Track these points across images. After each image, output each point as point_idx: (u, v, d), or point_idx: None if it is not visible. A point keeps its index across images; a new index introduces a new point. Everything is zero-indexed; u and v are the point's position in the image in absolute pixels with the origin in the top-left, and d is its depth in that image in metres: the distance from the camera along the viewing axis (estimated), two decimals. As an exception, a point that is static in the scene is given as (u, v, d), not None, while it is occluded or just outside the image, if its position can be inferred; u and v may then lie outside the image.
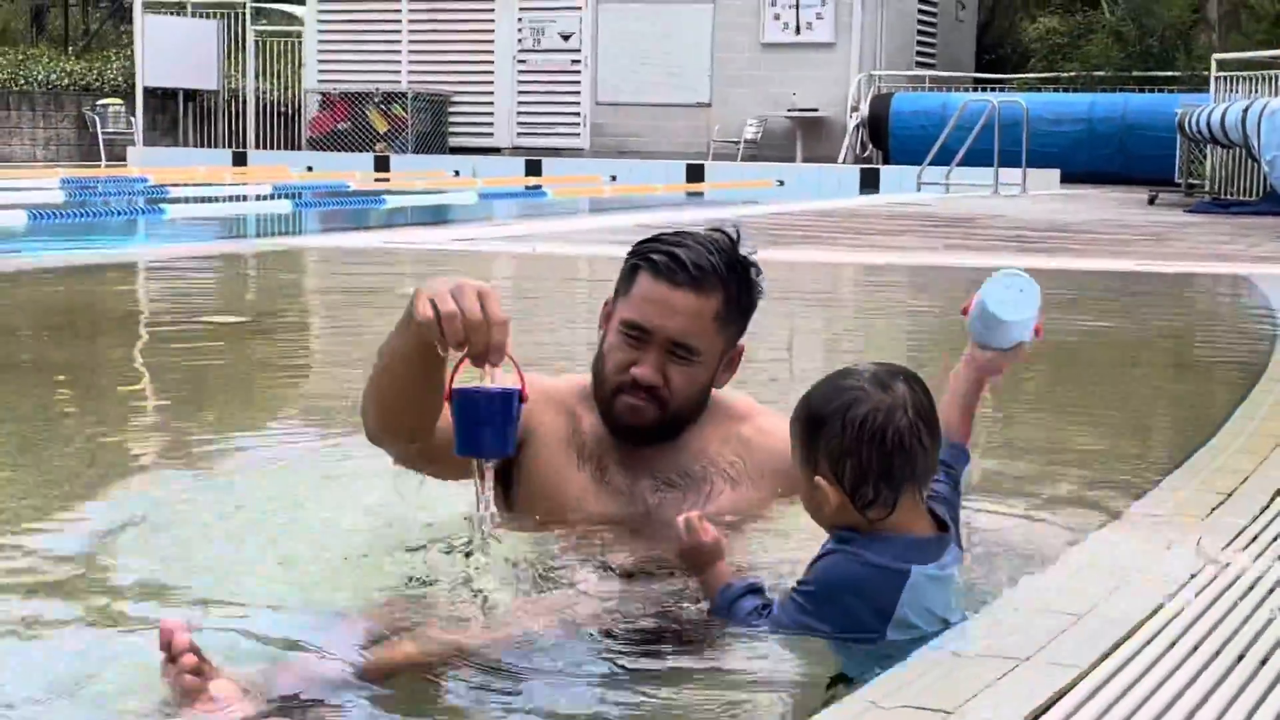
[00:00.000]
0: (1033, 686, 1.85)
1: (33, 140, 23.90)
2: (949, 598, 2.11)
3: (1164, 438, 3.87)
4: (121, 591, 2.39)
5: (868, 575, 2.06)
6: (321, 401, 4.45)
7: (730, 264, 2.51)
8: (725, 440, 2.56)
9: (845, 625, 2.06)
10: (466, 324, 2.11)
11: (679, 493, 2.51)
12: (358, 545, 2.55)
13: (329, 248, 10.06)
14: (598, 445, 2.53)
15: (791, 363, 5.44)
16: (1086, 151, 20.39)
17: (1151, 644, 2.02)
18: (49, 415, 4.09)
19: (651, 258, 2.50)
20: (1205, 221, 13.63)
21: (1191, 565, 2.36)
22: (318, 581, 2.39)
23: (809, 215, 13.48)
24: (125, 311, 6.91)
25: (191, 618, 2.10)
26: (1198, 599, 2.21)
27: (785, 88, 22.61)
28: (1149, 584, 2.28)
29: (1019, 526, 2.80)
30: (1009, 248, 10.19)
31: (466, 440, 2.20)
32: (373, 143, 23.70)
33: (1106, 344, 6.16)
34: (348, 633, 2.08)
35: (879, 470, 2.05)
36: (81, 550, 2.62)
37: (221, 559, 2.55)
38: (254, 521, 2.78)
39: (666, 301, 2.46)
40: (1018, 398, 4.74)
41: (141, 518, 2.83)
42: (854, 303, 8.06)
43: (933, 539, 2.12)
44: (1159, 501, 2.87)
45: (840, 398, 2.07)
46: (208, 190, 15.91)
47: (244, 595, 2.32)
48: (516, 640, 2.05)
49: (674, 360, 2.47)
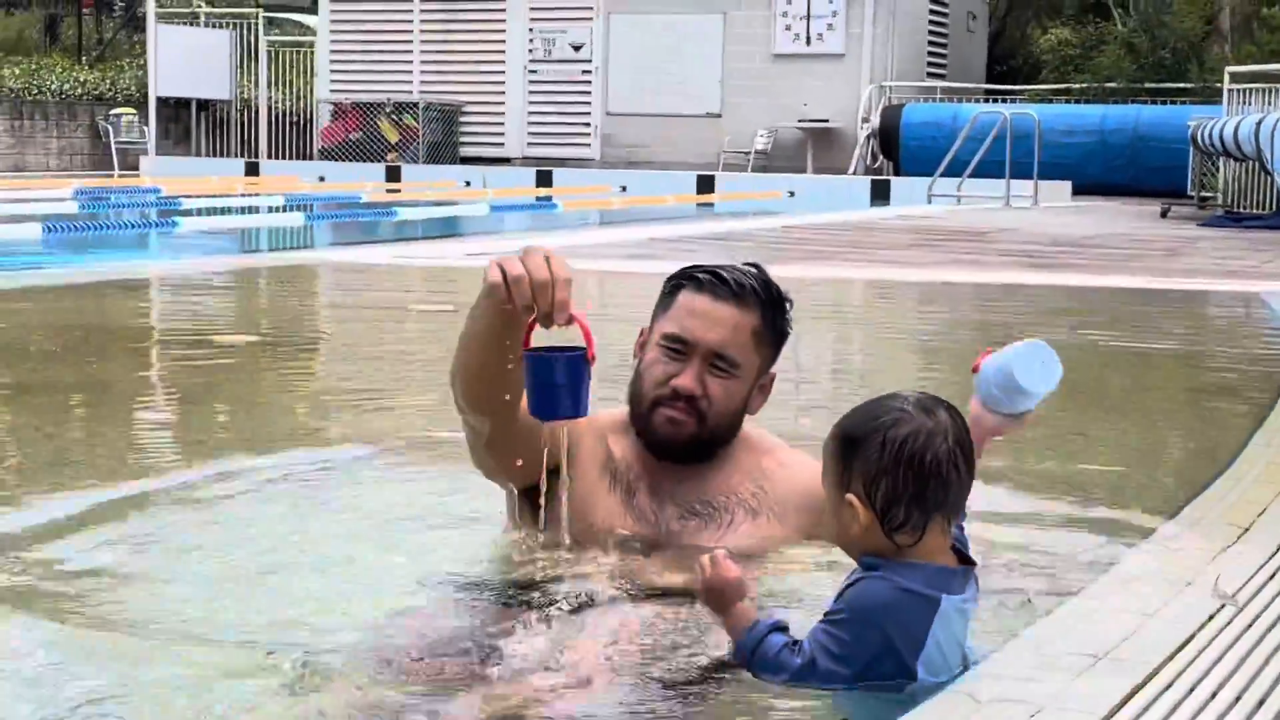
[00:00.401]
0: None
1: (46, 150, 23.95)
2: (967, 632, 2.10)
3: (1178, 466, 3.84)
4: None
5: (900, 600, 2.03)
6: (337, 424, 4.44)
7: (766, 286, 2.60)
8: (748, 473, 2.62)
9: (877, 654, 2.02)
10: (533, 284, 2.23)
11: (700, 521, 2.58)
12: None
13: (341, 262, 10.05)
14: (628, 470, 2.61)
15: (815, 386, 5.42)
16: (1099, 163, 20.36)
17: (1170, 690, 2.00)
18: (66, 435, 4.09)
19: (694, 276, 2.60)
20: (1218, 236, 13.58)
21: (1209, 606, 2.35)
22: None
23: (817, 228, 13.46)
24: (135, 329, 6.89)
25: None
26: (1215, 641, 2.19)
27: (796, 98, 22.61)
28: (1165, 625, 2.26)
29: (1031, 561, 2.78)
30: (1021, 264, 10.15)
31: (540, 402, 2.29)
32: (384, 152, 23.73)
33: (1117, 365, 6.12)
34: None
35: (913, 493, 2.04)
36: (98, 567, 2.62)
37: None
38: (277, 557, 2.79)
39: (708, 313, 2.55)
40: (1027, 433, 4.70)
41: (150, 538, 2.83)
42: (862, 321, 8.04)
43: (959, 571, 2.10)
44: (1174, 536, 2.85)
45: (882, 417, 2.07)
46: (220, 202, 15.92)
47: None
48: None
49: (714, 373, 2.54)
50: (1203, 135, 15.99)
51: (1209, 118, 16.52)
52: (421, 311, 7.49)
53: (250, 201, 16.45)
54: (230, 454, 3.75)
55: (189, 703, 2.00)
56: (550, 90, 23.95)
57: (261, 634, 2.29)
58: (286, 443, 3.99)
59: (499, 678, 2.08)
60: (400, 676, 2.07)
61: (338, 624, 2.34)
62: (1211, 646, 2.18)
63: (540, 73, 24.00)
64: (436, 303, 7.61)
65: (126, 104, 24.52)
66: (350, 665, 2.12)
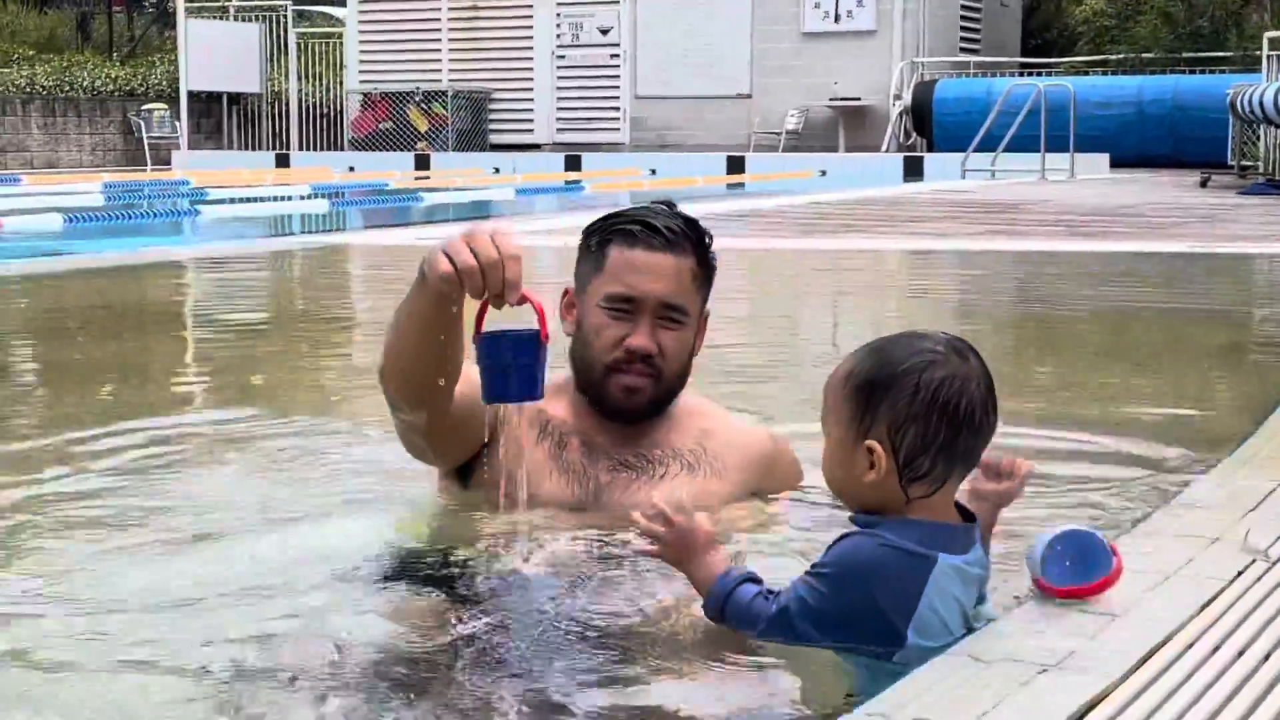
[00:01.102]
0: (1059, 697, 1.68)
1: (79, 146, 24.02)
2: (973, 596, 1.94)
3: (1214, 424, 3.67)
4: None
5: (891, 560, 1.87)
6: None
7: (692, 224, 2.53)
8: (687, 431, 2.59)
9: (859, 613, 1.86)
10: (483, 265, 2.14)
11: (632, 473, 2.52)
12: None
13: (364, 245, 9.99)
14: (560, 425, 2.54)
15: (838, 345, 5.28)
16: (1136, 135, 20.05)
17: (1193, 648, 1.84)
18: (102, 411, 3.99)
19: (621, 229, 2.50)
20: (1259, 203, 13.32)
21: (1238, 561, 2.18)
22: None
23: (849, 204, 13.28)
24: (166, 310, 6.88)
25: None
26: (1243, 598, 2.02)
27: (827, 77, 22.37)
28: (1191, 582, 2.10)
29: (1055, 518, 2.62)
30: (1057, 233, 9.97)
31: (494, 386, 2.22)
32: (414, 141, 23.68)
33: (1155, 326, 5.97)
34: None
35: (944, 441, 1.87)
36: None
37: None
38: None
39: (649, 266, 2.47)
40: (1062, 382, 4.56)
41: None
42: (897, 287, 7.88)
43: (960, 528, 1.94)
44: (1206, 492, 2.69)
45: (916, 358, 1.88)
46: (248, 192, 15.91)
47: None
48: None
49: (665, 325, 2.49)
50: (1242, 103, 15.68)
51: (1248, 85, 16.20)
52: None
53: (278, 190, 16.39)
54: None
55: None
56: (578, 75, 23.81)
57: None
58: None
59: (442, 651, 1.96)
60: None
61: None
62: (1240, 603, 2.01)
63: (568, 58, 23.86)
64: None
65: (158, 99, 24.57)
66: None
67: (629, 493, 2.49)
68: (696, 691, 1.86)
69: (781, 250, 9.16)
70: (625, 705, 1.83)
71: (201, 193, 15.30)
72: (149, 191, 16.44)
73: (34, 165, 22.74)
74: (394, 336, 2.36)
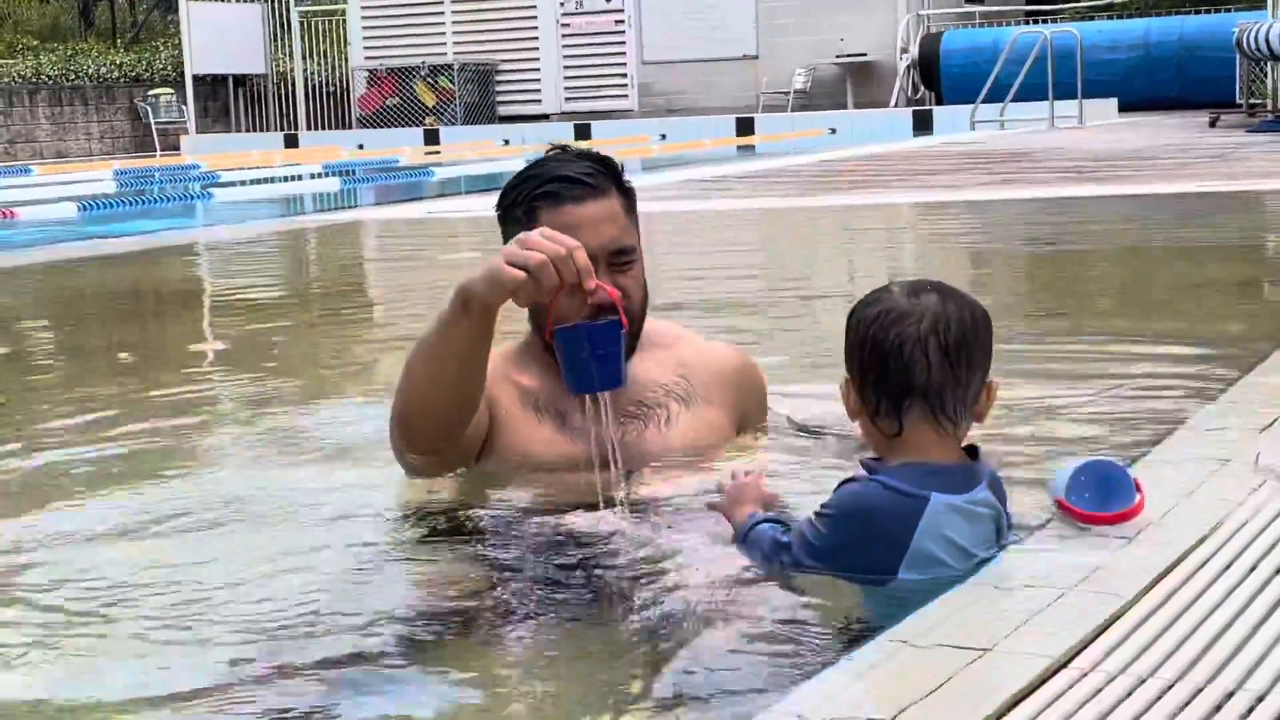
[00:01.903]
0: (1079, 616, 1.73)
1: (87, 135, 24.08)
2: (979, 533, 1.99)
3: (1227, 353, 3.71)
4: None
5: (884, 501, 1.97)
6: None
7: (601, 160, 2.55)
8: (666, 365, 2.64)
9: (858, 553, 1.97)
10: (553, 259, 2.19)
11: (640, 423, 2.56)
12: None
13: (378, 220, 10.04)
14: (549, 396, 2.55)
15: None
16: (1144, 78, 19.96)
17: (1206, 567, 1.89)
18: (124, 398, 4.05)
19: (542, 192, 2.50)
20: (1269, 141, 13.28)
21: (1250, 482, 2.23)
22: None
23: (860, 160, 13.27)
24: (184, 291, 6.94)
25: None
26: (1256, 518, 2.07)
27: (833, 34, 22.30)
28: (1204, 503, 2.14)
29: (1072, 446, 2.67)
30: (1069, 179, 9.97)
31: (579, 379, 2.27)
32: (422, 117, 23.67)
33: (1168, 262, 6.00)
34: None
35: (876, 375, 1.98)
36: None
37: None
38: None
39: (583, 218, 2.47)
40: (1079, 315, 4.60)
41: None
42: (913, 238, 7.91)
43: (958, 468, 2.00)
44: (1218, 415, 2.73)
45: (867, 299, 2.04)
46: (259, 174, 15.96)
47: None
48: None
49: (619, 270, 2.51)
50: (1248, 40, 15.60)
51: (1254, 22, 16.11)
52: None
53: (289, 170, 16.43)
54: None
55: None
56: (584, 43, 23.76)
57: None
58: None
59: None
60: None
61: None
62: (1253, 521, 2.06)
63: (573, 26, 23.80)
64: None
65: (164, 84, 24.60)
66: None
67: (643, 442, 2.54)
68: (712, 614, 1.93)
69: (795, 209, 9.18)
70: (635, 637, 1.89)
71: (213, 176, 15.35)
72: (160, 177, 16.50)
73: (43, 155, 22.80)
74: (423, 382, 2.36)
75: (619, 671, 1.80)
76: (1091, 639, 1.66)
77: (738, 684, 1.71)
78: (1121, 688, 1.52)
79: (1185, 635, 1.67)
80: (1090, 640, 1.66)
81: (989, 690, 1.52)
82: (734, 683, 1.72)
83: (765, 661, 1.78)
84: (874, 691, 1.53)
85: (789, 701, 1.52)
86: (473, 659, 1.89)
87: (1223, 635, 1.67)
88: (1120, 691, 1.52)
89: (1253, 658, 1.59)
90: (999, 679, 1.55)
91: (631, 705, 1.69)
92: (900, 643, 1.67)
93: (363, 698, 1.74)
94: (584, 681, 1.79)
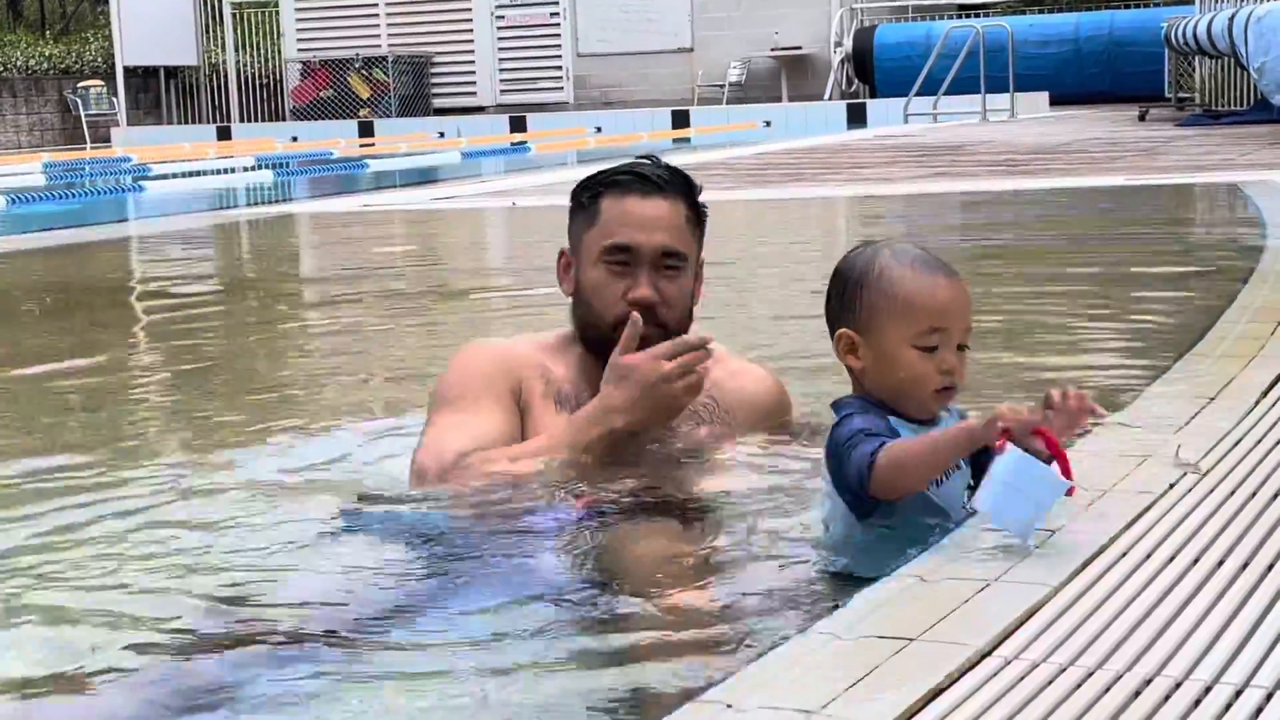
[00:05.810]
0: (1002, 606, 1.77)
1: (16, 127, 23.76)
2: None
3: (1151, 348, 3.78)
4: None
5: (849, 433, 2.12)
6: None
7: (678, 172, 2.55)
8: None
9: (843, 483, 2.13)
10: (653, 373, 2.38)
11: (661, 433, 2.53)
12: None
13: (312, 213, 9.98)
14: (573, 388, 2.53)
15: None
16: (1074, 72, 20.22)
17: (1126, 557, 1.94)
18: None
19: (613, 181, 2.51)
20: (1196, 134, 13.49)
21: (1169, 475, 2.28)
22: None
23: (794, 153, 13.35)
24: (115, 287, 6.87)
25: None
26: (1173, 510, 2.12)
27: (767, 28, 22.40)
28: (1124, 497, 2.19)
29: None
30: (998, 172, 10.08)
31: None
32: (357, 109, 23.55)
33: (1093, 257, 6.08)
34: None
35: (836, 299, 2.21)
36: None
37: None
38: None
39: (644, 214, 2.48)
40: (1001, 314, 4.66)
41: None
42: (849, 232, 7.97)
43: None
44: (1139, 412, 2.78)
45: (847, 256, 2.27)
46: (191, 166, 15.81)
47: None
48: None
49: (665, 274, 2.50)
50: (1177, 35, 15.84)
51: (1183, 17, 16.36)
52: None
53: (221, 164, 16.30)
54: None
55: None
56: (519, 35, 23.72)
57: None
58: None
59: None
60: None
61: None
62: (1170, 513, 2.11)
63: (508, 18, 23.76)
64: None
65: (94, 76, 24.30)
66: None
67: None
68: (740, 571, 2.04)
69: (731, 201, 9.23)
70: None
71: (144, 169, 15.19)
72: (90, 170, 16.31)
73: (-29, 148, 22.50)
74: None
75: (562, 664, 1.82)
76: (1015, 628, 1.70)
77: (670, 678, 1.74)
78: (1043, 676, 1.56)
79: (1106, 624, 1.71)
80: (1013, 629, 1.70)
81: (913, 680, 1.55)
82: (666, 677, 1.74)
83: (698, 653, 1.80)
84: (802, 682, 1.56)
85: (719, 690, 1.54)
86: (397, 656, 1.91)
87: (1142, 624, 1.71)
88: (1042, 679, 1.56)
89: (1170, 645, 1.64)
90: (923, 669, 1.58)
91: (569, 701, 1.71)
92: (829, 635, 1.70)
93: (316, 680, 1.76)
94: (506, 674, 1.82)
